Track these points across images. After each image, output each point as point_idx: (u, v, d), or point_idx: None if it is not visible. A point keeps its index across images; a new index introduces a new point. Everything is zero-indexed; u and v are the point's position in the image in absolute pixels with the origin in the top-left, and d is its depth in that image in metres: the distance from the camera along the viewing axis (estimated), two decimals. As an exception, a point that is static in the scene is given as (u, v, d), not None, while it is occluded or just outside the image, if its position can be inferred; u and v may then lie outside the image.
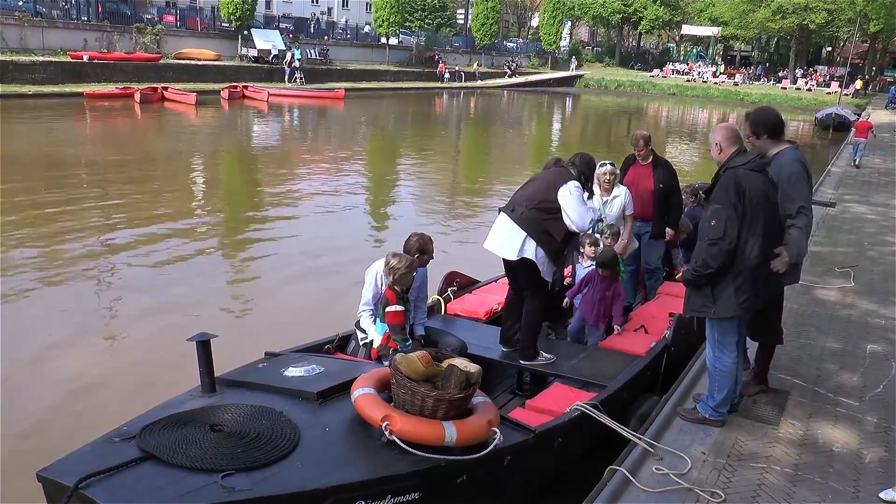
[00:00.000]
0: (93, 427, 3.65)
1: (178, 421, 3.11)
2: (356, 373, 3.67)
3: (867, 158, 19.66)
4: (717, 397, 4.45)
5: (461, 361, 3.47)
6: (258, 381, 3.67)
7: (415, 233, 5.14)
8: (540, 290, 5.19)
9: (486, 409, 3.51)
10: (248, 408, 3.29)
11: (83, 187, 13.48)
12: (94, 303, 7.78)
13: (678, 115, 45.44)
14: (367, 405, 3.27)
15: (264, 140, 23.18)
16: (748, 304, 4.15)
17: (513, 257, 5.04)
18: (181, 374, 4.62)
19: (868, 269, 8.55)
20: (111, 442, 2.96)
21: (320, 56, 43.80)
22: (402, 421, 3.18)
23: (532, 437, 3.79)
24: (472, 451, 3.31)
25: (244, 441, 3.00)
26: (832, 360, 5.73)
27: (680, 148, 26.15)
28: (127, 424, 3.13)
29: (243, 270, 9.51)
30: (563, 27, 62.47)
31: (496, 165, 21.34)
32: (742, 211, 3.98)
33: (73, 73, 28.85)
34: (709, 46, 70.34)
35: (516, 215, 5.07)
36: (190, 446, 2.91)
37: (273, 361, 4.14)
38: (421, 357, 3.38)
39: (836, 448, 4.34)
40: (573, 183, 5.07)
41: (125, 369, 6.33)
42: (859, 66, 62.52)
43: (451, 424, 3.25)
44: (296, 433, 3.13)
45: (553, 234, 5.03)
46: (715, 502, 3.70)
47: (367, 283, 4.94)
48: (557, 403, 4.50)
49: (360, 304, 4.97)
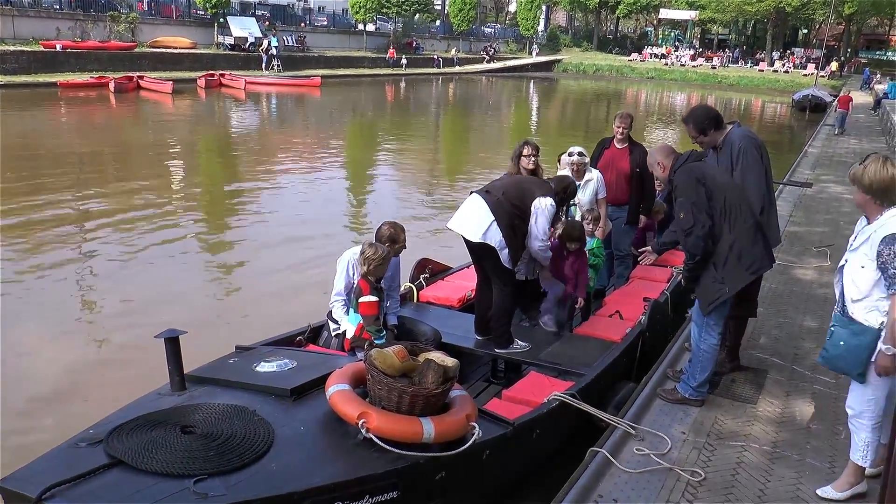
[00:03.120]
0: (59, 429, 3.56)
1: (147, 423, 3.01)
2: (330, 367, 3.60)
3: (845, 137, 20.12)
4: (700, 377, 4.50)
5: (438, 355, 3.42)
6: (229, 378, 3.59)
7: (386, 221, 5.03)
8: (506, 277, 5.12)
9: (464, 403, 3.46)
10: (220, 407, 3.21)
11: (57, 178, 13.22)
12: (61, 296, 7.61)
13: (657, 98, 45.58)
14: (342, 402, 3.19)
15: (241, 129, 22.94)
16: (756, 266, 4.30)
17: (475, 238, 4.96)
18: (148, 368, 4.53)
19: (844, 248, 8.58)
20: (77, 447, 2.85)
21: (297, 43, 43.41)
22: (379, 418, 3.11)
23: (511, 430, 3.76)
24: (451, 447, 3.25)
25: (216, 443, 2.91)
26: (809, 338, 5.80)
27: (658, 132, 26.18)
28: (93, 427, 3.02)
29: (216, 260, 9.39)
30: (539, 12, 62.30)
31: (473, 152, 21.26)
32: (707, 193, 4.18)
33: (46, 63, 28.35)
34: (686, 30, 70.45)
35: (491, 199, 5.00)
36: (160, 450, 2.81)
37: (244, 356, 4.06)
38: (397, 352, 3.32)
39: (812, 425, 4.41)
40: (549, 200, 5.03)
41: (92, 366, 6.19)
42: (835, 48, 63.05)
43: (428, 421, 3.19)
44: (269, 433, 3.05)
45: (517, 231, 5.00)
46: (695, 481, 3.73)
47: (339, 272, 4.86)
48: (534, 393, 4.46)
49: (332, 294, 4.89)
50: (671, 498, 3.59)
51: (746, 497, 3.62)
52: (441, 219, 11.53)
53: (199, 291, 8.09)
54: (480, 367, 5.73)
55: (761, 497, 3.62)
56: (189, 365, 3.58)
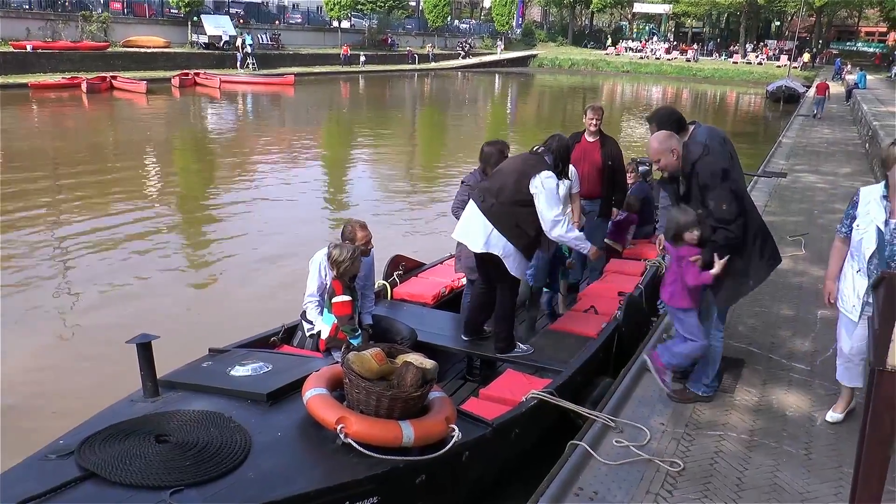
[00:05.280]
0: (26, 440, 3.46)
1: (119, 432, 2.94)
2: (306, 370, 3.55)
3: (819, 127, 20.18)
4: (711, 374, 4.51)
5: (416, 357, 3.39)
6: (204, 383, 3.52)
7: (350, 220, 4.94)
8: (510, 282, 4.96)
9: (443, 405, 3.43)
10: (195, 414, 3.15)
11: (29, 182, 12.99)
12: (29, 298, 7.44)
13: (633, 91, 45.81)
14: (320, 407, 3.14)
15: (216, 128, 22.72)
16: (773, 258, 4.39)
17: (477, 250, 4.83)
18: (120, 373, 4.43)
19: (818, 236, 8.69)
20: (47, 459, 2.78)
21: (272, 41, 43.08)
22: (358, 423, 3.07)
23: (490, 431, 3.73)
24: (431, 450, 3.21)
25: (192, 452, 2.84)
26: (785, 326, 5.85)
27: (635, 125, 26.32)
28: (64, 438, 2.95)
29: (187, 259, 9.27)
30: (514, 7, 62.36)
31: (449, 148, 21.24)
32: (735, 185, 4.20)
33: (17, 64, 27.87)
34: (661, 24, 70.93)
35: (485, 206, 4.81)
36: (134, 461, 2.74)
37: (218, 359, 3.98)
38: (374, 355, 3.27)
39: (789, 413, 4.45)
40: (545, 173, 4.69)
41: (61, 371, 5.99)
42: (807, 39, 63.75)
43: (408, 424, 3.15)
44: (246, 440, 2.99)
45: (525, 227, 4.75)
46: (674, 471, 3.75)
47: (311, 273, 4.81)
48: (512, 391, 4.42)
49: (305, 294, 4.84)
50: (651, 489, 3.61)
51: (725, 485, 3.65)
52: (414, 214, 11.52)
53: (170, 291, 7.96)
54: (456, 364, 5.67)
55: (739, 485, 3.65)
56: (161, 368, 3.50)
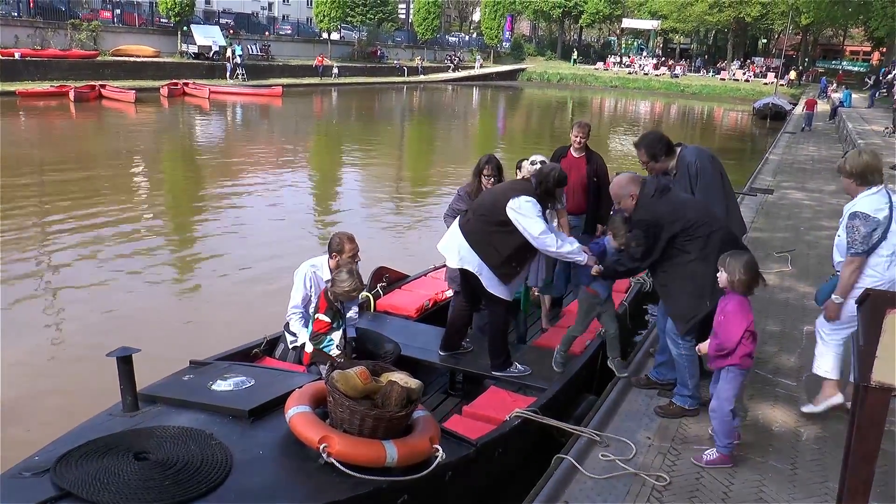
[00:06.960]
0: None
1: (97, 449, 2.87)
2: (289, 386, 3.50)
3: (804, 144, 20.33)
4: (691, 384, 4.49)
5: (401, 377, 3.33)
6: (184, 398, 3.45)
7: (338, 233, 4.91)
8: (494, 297, 4.86)
9: (427, 424, 3.38)
10: (175, 430, 3.09)
11: (13, 189, 12.86)
12: (5, 310, 7.31)
13: (621, 106, 46.09)
14: (303, 425, 3.08)
15: (203, 138, 22.62)
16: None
17: (453, 265, 4.89)
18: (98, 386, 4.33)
19: (804, 253, 8.75)
20: (20, 477, 2.70)
21: (262, 52, 43.07)
22: (341, 442, 3.01)
23: (474, 451, 3.68)
24: (414, 471, 3.16)
25: (172, 471, 2.78)
26: (772, 342, 5.86)
27: (624, 141, 26.45)
28: (39, 454, 2.87)
29: (170, 270, 9.15)
30: (503, 21, 62.74)
31: (437, 161, 21.20)
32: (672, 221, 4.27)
33: (5, 72, 27.68)
34: (649, 40, 71.53)
35: (462, 221, 4.88)
36: (112, 480, 2.67)
37: (199, 372, 3.91)
38: (359, 373, 3.21)
39: (775, 427, 4.46)
40: (523, 198, 4.64)
41: (37, 383, 5.85)
42: (793, 57, 64.52)
43: (391, 444, 3.10)
44: (227, 459, 2.93)
45: (498, 248, 4.70)
46: (660, 485, 3.74)
47: (296, 285, 4.79)
48: (496, 409, 4.39)
49: (290, 306, 4.80)
50: (637, 502, 3.60)
51: (711, 500, 3.64)
52: (400, 228, 11.49)
53: (152, 302, 7.88)
54: (438, 378, 5.64)
55: (725, 500, 3.64)
56: (141, 379, 3.43)
